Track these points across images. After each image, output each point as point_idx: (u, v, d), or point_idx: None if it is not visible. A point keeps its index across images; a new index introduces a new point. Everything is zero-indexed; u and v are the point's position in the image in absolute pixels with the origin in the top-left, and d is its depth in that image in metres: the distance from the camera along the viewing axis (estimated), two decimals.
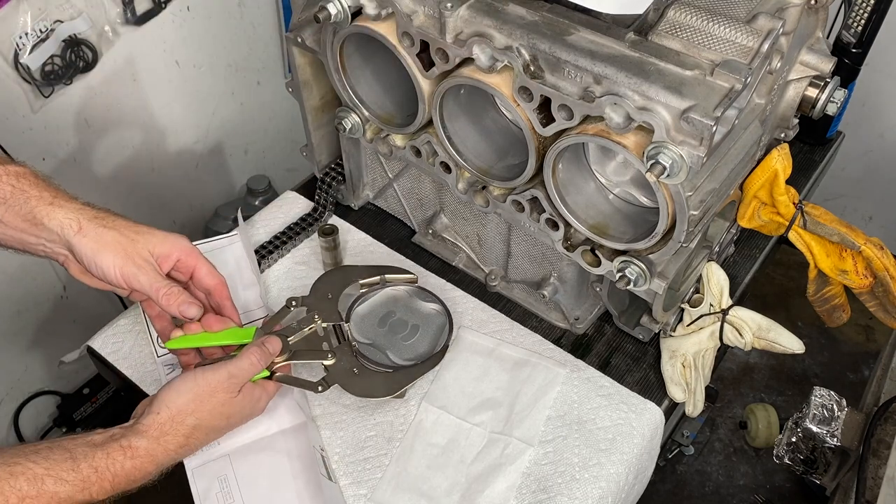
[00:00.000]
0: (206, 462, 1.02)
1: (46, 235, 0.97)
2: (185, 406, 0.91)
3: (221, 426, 0.95)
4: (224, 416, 0.94)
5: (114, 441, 0.87)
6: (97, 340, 1.20)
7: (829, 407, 1.17)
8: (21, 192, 0.96)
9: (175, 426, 0.91)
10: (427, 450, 1.06)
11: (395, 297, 1.15)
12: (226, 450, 1.03)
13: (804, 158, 1.54)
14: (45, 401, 1.93)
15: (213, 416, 0.93)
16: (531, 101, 0.93)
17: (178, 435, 0.91)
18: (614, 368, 1.18)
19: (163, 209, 1.97)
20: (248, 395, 0.96)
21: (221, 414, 0.94)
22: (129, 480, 0.87)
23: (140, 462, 0.87)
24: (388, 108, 1.17)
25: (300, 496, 1.00)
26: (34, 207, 0.96)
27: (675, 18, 0.91)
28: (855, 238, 1.10)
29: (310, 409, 1.08)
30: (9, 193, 0.95)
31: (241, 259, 1.25)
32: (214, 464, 1.02)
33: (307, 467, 1.02)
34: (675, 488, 2.00)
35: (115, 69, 1.64)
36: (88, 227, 0.96)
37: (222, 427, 0.96)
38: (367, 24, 1.02)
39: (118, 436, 0.88)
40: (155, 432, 0.89)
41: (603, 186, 1.06)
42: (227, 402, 0.94)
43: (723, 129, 0.87)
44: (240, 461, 1.02)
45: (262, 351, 0.98)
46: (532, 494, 1.02)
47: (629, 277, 1.01)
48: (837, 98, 1.09)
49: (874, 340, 2.28)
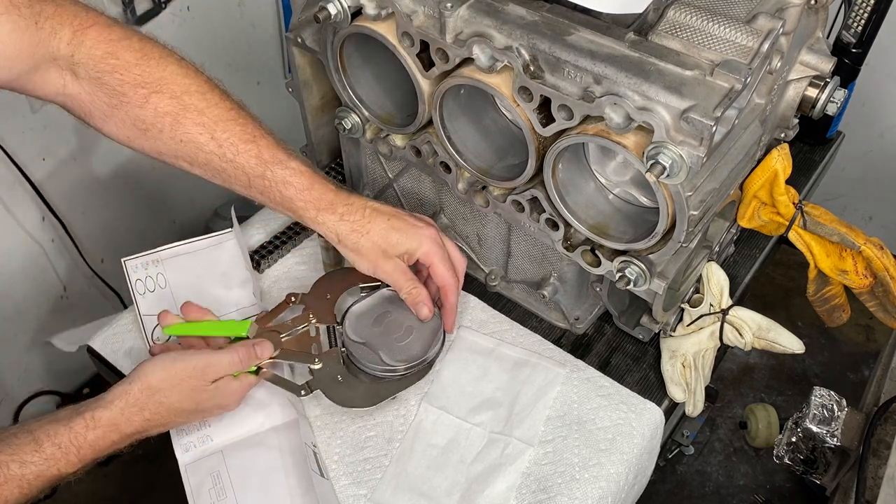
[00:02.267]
0: (200, 458, 1.03)
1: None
2: (158, 382, 0.94)
3: (188, 409, 0.97)
4: (193, 402, 0.96)
5: (78, 415, 0.90)
6: (97, 340, 1.20)
7: (829, 407, 1.17)
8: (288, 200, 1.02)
9: (143, 399, 0.93)
10: (427, 450, 1.06)
11: (391, 297, 1.15)
12: (218, 445, 1.04)
13: (804, 158, 1.54)
14: (45, 401, 1.93)
15: (181, 399, 0.95)
16: (531, 101, 0.93)
17: (143, 408, 0.93)
18: (614, 368, 1.18)
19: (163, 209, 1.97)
20: (222, 388, 0.98)
21: (191, 399, 0.96)
22: (96, 450, 0.90)
23: (103, 431, 0.90)
24: (388, 108, 1.17)
25: (292, 492, 1.01)
26: (302, 216, 1.03)
27: (675, 18, 0.91)
28: (855, 238, 1.10)
29: (302, 406, 1.08)
30: (278, 198, 1.02)
31: (235, 257, 1.25)
32: (207, 460, 1.03)
33: (299, 463, 1.02)
34: (675, 488, 2.00)
35: None
36: (347, 239, 1.03)
37: (189, 411, 0.98)
38: (367, 24, 1.02)
39: (83, 409, 0.91)
40: (121, 403, 0.92)
41: (603, 186, 1.06)
42: (199, 388, 0.96)
43: (723, 129, 0.87)
44: (233, 457, 1.03)
45: (250, 353, 1.01)
46: (532, 494, 1.02)
47: (629, 277, 1.01)
48: (837, 98, 1.09)
49: (874, 340, 2.28)
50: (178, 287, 1.20)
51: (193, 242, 1.25)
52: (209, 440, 1.03)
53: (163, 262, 1.22)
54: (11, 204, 1.61)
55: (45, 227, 1.71)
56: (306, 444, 1.01)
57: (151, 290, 1.20)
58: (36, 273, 1.74)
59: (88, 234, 1.80)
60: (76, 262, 1.80)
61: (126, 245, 1.87)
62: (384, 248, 1.03)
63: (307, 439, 1.03)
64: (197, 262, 1.24)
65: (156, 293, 1.20)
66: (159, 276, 1.21)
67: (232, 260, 1.25)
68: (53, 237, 1.74)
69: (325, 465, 1.04)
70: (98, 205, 1.81)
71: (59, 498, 1.89)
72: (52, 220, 1.69)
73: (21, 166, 1.53)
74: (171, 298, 1.19)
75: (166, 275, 1.21)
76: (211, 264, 1.24)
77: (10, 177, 1.56)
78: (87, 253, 1.78)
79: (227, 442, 1.04)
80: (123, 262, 1.20)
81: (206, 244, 1.26)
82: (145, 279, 1.20)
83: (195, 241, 1.25)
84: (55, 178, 1.66)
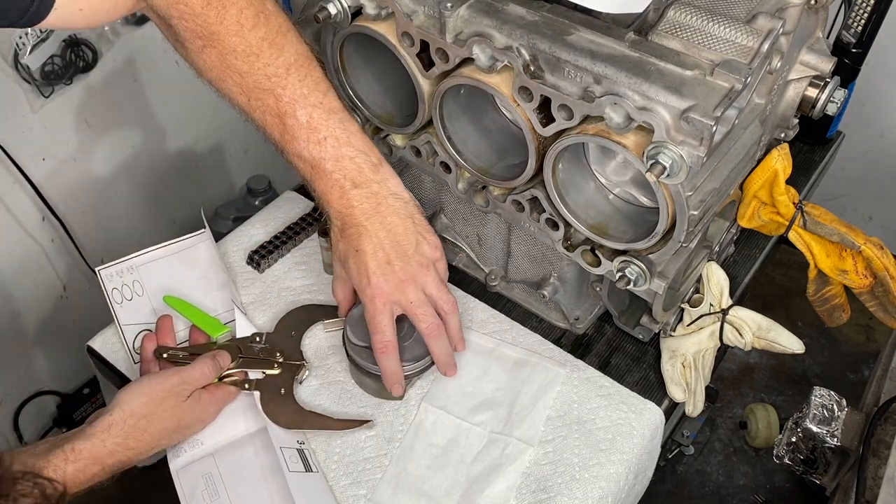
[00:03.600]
0: (191, 462, 1.03)
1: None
2: (141, 408, 0.96)
3: (171, 428, 1.00)
4: (175, 419, 0.99)
5: (57, 448, 0.89)
6: (97, 340, 1.20)
7: (829, 407, 1.17)
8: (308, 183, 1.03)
9: (126, 428, 0.94)
10: (427, 450, 1.06)
11: None
12: (209, 448, 1.04)
13: (804, 158, 1.54)
14: (45, 401, 1.93)
15: (164, 418, 0.98)
16: (531, 101, 0.93)
17: (127, 437, 0.94)
18: (614, 368, 1.18)
19: (163, 209, 1.97)
20: (197, 401, 1.02)
21: (173, 416, 0.99)
22: (75, 483, 0.89)
23: (83, 464, 0.90)
24: (388, 108, 1.17)
25: (282, 490, 1.01)
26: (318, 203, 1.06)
27: (675, 18, 0.91)
28: (855, 238, 1.10)
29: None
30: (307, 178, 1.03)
31: (210, 259, 1.24)
32: (199, 463, 1.03)
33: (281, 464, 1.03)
34: (675, 488, 2.00)
35: (115, 69, 1.64)
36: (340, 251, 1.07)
37: (172, 429, 1.00)
38: (367, 24, 1.02)
39: (62, 441, 0.90)
40: (102, 434, 0.92)
41: (603, 186, 1.06)
42: (178, 405, 0.99)
43: (723, 129, 0.87)
44: (224, 459, 1.03)
45: (214, 363, 1.05)
46: (532, 494, 1.02)
47: (629, 277, 1.01)
48: (837, 98, 1.09)
49: (874, 340, 2.28)
50: (156, 293, 1.19)
51: (167, 246, 1.23)
52: (200, 444, 1.04)
53: (137, 268, 1.21)
54: (11, 204, 1.61)
55: (44, 227, 1.71)
56: (282, 448, 1.02)
57: (129, 298, 1.19)
58: (36, 273, 1.74)
59: (88, 234, 1.80)
60: (76, 262, 1.80)
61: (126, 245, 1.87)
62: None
63: (284, 442, 1.03)
64: (172, 266, 1.22)
65: (133, 301, 1.18)
66: (135, 284, 1.20)
67: (209, 261, 1.24)
68: (53, 237, 1.74)
69: (316, 459, 1.04)
70: (98, 205, 1.80)
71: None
72: (51, 220, 1.69)
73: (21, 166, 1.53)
74: (149, 305, 1.18)
75: (143, 281, 1.20)
76: (187, 267, 1.23)
77: (10, 177, 1.56)
78: (87, 253, 1.78)
79: (217, 445, 1.05)
80: (98, 271, 1.19)
81: (178, 247, 1.24)
82: (122, 287, 1.19)
83: (168, 245, 1.23)
84: (55, 178, 1.66)
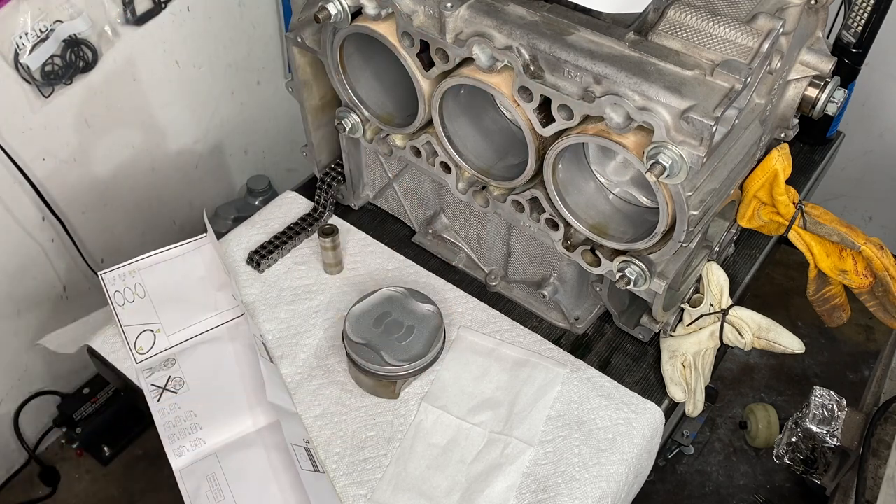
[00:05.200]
0: (194, 462, 1.03)
1: None
2: None
3: None
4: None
5: None
6: (97, 340, 1.20)
7: (829, 407, 1.17)
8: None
9: None
10: (427, 450, 1.06)
11: (391, 297, 1.15)
12: (212, 448, 1.04)
13: (804, 158, 1.54)
14: (45, 401, 1.93)
15: None
16: (531, 101, 0.93)
17: None
18: (614, 368, 1.18)
19: (163, 209, 1.97)
20: None
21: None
22: None
23: None
24: (388, 108, 1.17)
25: (286, 490, 1.01)
26: None
27: (675, 18, 0.91)
28: (855, 238, 1.10)
29: (294, 405, 1.09)
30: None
31: (211, 261, 1.26)
32: (202, 463, 1.03)
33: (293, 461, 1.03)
34: (675, 488, 2.00)
35: (115, 69, 1.64)
36: None
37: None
38: (367, 24, 1.02)
39: None
40: None
41: (603, 186, 1.06)
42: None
43: (723, 129, 0.87)
44: (227, 458, 1.03)
45: None
46: (532, 494, 1.02)
47: (629, 277, 1.01)
48: (837, 98, 1.09)
49: (874, 340, 2.28)
50: (158, 295, 1.21)
51: (170, 250, 1.26)
52: (202, 443, 1.04)
53: (139, 272, 1.23)
54: (11, 204, 1.61)
55: (44, 227, 1.71)
56: (293, 445, 1.02)
57: (131, 300, 1.20)
58: (36, 273, 1.74)
59: (88, 234, 1.80)
60: (76, 262, 1.80)
61: (126, 245, 1.88)
62: None
63: (294, 439, 1.03)
64: (174, 270, 1.24)
65: (135, 303, 1.20)
66: (137, 287, 1.22)
67: (209, 264, 1.26)
68: (53, 237, 1.74)
69: (320, 460, 1.04)
70: (98, 205, 1.80)
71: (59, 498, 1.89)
72: (52, 220, 1.69)
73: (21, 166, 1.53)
74: (150, 307, 1.20)
75: (144, 284, 1.22)
76: (188, 270, 1.25)
77: (10, 177, 1.56)
78: (87, 253, 1.78)
79: (219, 444, 1.05)
80: (100, 275, 1.21)
81: (180, 251, 1.27)
82: (123, 290, 1.21)
83: (171, 249, 1.26)
84: (55, 178, 1.66)
